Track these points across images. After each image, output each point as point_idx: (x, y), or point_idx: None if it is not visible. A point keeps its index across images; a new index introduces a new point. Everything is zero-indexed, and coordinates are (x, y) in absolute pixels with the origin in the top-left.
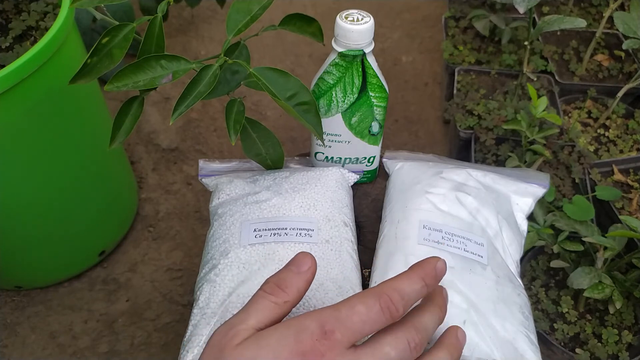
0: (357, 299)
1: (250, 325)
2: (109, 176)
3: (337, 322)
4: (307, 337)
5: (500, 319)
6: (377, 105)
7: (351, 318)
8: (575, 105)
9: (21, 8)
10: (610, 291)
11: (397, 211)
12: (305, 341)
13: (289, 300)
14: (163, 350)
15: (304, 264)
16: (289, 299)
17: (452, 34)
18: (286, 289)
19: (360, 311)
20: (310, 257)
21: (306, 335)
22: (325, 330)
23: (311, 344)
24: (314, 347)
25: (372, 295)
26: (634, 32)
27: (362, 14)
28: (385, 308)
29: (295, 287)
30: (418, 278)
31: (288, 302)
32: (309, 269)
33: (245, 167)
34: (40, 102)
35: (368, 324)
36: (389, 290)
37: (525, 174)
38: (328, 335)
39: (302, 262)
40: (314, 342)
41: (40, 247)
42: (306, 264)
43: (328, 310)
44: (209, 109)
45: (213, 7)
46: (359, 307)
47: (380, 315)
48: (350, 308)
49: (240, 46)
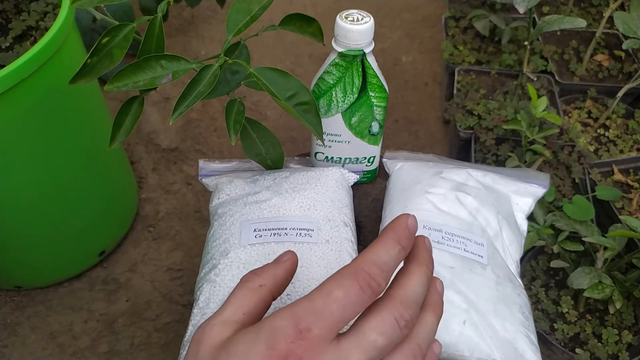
0: (332, 282)
1: (226, 316)
2: (109, 176)
3: (313, 316)
4: (280, 341)
5: (500, 319)
6: (377, 105)
7: (329, 307)
8: (575, 105)
9: (21, 8)
10: (610, 291)
11: (397, 211)
12: (279, 346)
13: (264, 284)
14: (163, 350)
15: (284, 256)
16: (264, 283)
17: (452, 34)
18: (262, 274)
19: (338, 297)
20: (290, 252)
21: (279, 338)
22: (299, 329)
23: (285, 348)
24: (289, 351)
25: (348, 275)
26: (634, 32)
27: (362, 14)
28: (366, 286)
29: (272, 272)
30: (393, 242)
31: (264, 285)
32: (288, 259)
33: (245, 167)
34: (41, 102)
35: (349, 308)
36: (365, 265)
37: (525, 174)
38: (304, 334)
39: (282, 255)
40: (288, 344)
41: (40, 247)
42: (285, 256)
43: (302, 303)
44: (209, 109)
45: (213, 7)
46: (336, 292)
47: (361, 295)
48: (326, 295)
49: (240, 46)
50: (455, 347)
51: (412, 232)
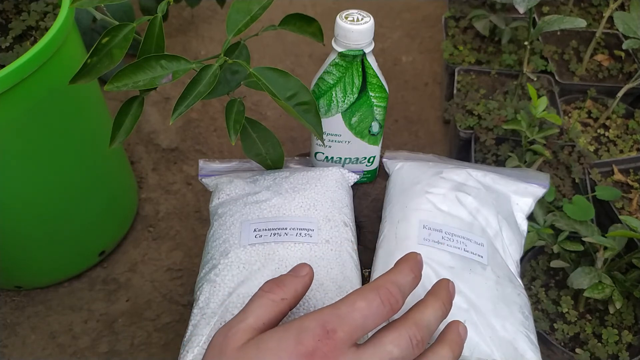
0: (356, 295)
1: (249, 324)
2: (109, 176)
3: (338, 320)
4: (308, 338)
5: (500, 319)
6: (377, 105)
7: (352, 315)
8: (575, 105)
9: (21, 8)
10: (610, 291)
11: (397, 211)
12: (307, 342)
13: (286, 298)
14: (163, 350)
15: (302, 270)
16: (286, 297)
17: (452, 34)
18: (284, 287)
19: (361, 307)
20: (308, 266)
21: (307, 336)
22: (327, 329)
23: (313, 345)
24: (316, 348)
25: (370, 290)
26: (634, 32)
27: (362, 14)
28: (386, 301)
29: (293, 286)
30: (408, 270)
31: (285, 299)
32: (306, 274)
33: (245, 167)
34: (41, 102)
35: (370, 318)
36: (386, 283)
37: (525, 174)
38: (330, 334)
39: (301, 269)
40: (315, 342)
41: (40, 247)
42: (304, 270)
43: (328, 309)
44: (209, 109)
45: (213, 7)
46: (359, 303)
47: (382, 308)
48: (350, 305)
49: (240, 46)
50: None
51: (421, 265)
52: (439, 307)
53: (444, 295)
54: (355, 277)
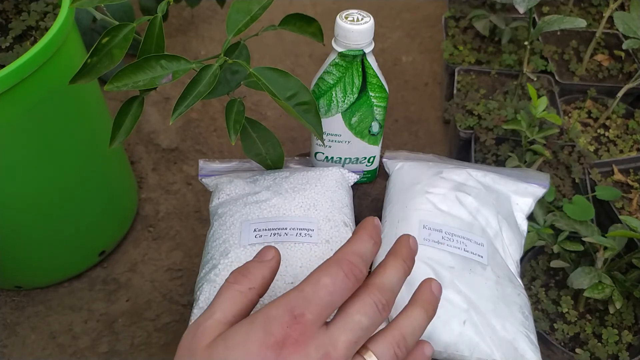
0: (319, 272)
1: (216, 319)
2: (109, 176)
3: (304, 303)
4: (276, 327)
5: (500, 319)
6: (377, 105)
7: (318, 294)
8: (575, 105)
9: (21, 8)
10: (610, 291)
11: (397, 211)
12: (276, 331)
13: (253, 287)
14: (163, 350)
15: (267, 254)
16: (252, 285)
17: (452, 34)
18: (249, 275)
19: (326, 283)
20: (273, 248)
21: (275, 325)
22: (294, 314)
23: (282, 333)
24: (286, 335)
25: (332, 264)
26: (634, 32)
27: (362, 14)
28: (350, 273)
29: (260, 273)
30: (367, 237)
31: (253, 288)
32: (272, 259)
33: (245, 167)
34: (40, 102)
35: (337, 294)
36: (347, 255)
37: (525, 174)
38: (298, 319)
39: (265, 253)
40: (284, 329)
41: (40, 247)
42: (270, 254)
43: (293, 293)
44: (209, 109)
45: (213, 7)
46: (323, 279)
47: (347, 281)
48: (314, 283)
49: (240, 46)
50: (455, 347)
51: (380, 229)
52: (400, 265)
53: (404, 253)
54: None
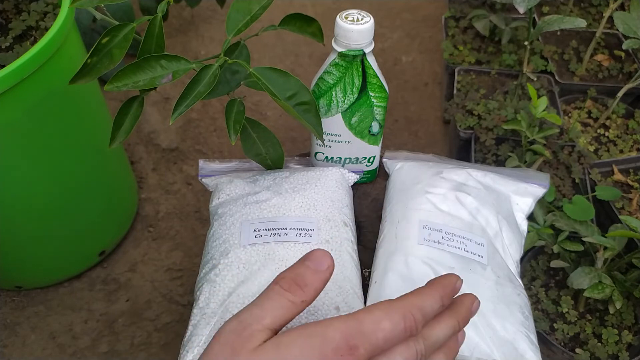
0: (382, 313)
1: (265, 325)
2: (109, 176)
3: (361, 337)
4: (331, 350)
5: (500, 319)
6: (377, 105)
7: (376, 334)
8: (575, 105)
9: (21, 8)
10: (610, 291)
11: (397, 211)
12: (330, 355)
13: (306, 300)
14: (163, 350)
15: (324, 262)
16: (306, 299)
17: (452, 34)
18: (305, 287)
19: (385, 328)
20: (329, 256)
21: (331, 348)
22: (349, 345)
23: (335, 358)
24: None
25: (397, 311)
26: (634, 32)
27: (362, 14)
28: (409, 327)
29: (314, 286)
30: (439, 297)
31: (305, 301)
32: (327, 268)
33: (245, 167)
34: (40, 102)
35: (390, 341)
36: (413, 309)
37: (525, 174)
38: (352, 350)
39: (322, 260)
40: (337, 356)
41: (40, 247)
42: (326, 262)
43: (352, 322)
44: (209, 109)
45: (213, 7)
46: (384, 323)
47: (403, 334)
48: (375, 323)
49: (240, 46)
50: None
51: (456, 293)
52: (452, 325)
53: (463, 314)
54: (355, 277)
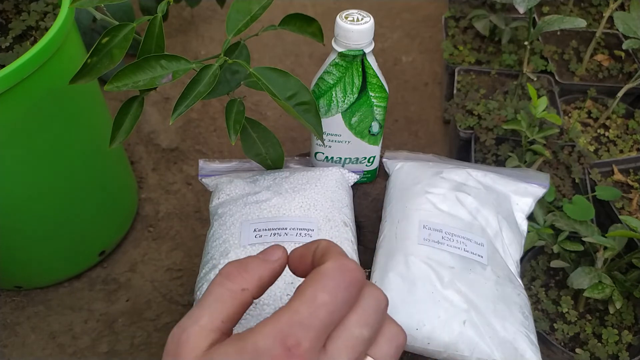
0: (313, 289)
1: (202, 325)
2: (109, 176)
3: (300, 329)
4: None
5: (500, 319)
6: (377, 105)
7: (316, 315)
8: (575, 105)
9: (21, 8)
10: (610, 291)
11: (397, 211)
12: None
13: (247, 288)
14: (163, 350)
15: (274, 254)
16: (247, 286)
17: (452, 34)
18: (245, 274)
19: (325, 301)
20: (282, 249)
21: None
22: (287, 346)
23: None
24: None
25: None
26: (634, 32)
27: (362, 14)
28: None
29: (257, 273)
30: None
31: (246, 290)
32: (277, 260)
33: (245, 167)
34: (40, 102)
35: (337, 311)
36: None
37: (525, 174)
38: (293, 350)
39: (272, 252)
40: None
41: (40, 247)
42: (276, 254)
43: (283, 317)
44: (209, 109)
45: (213, 7)
46: (321, 296)
47: (348, 293)
48: (311, 302)
49: (240, 46)
50: (455, 347)
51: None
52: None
53: None
54: None
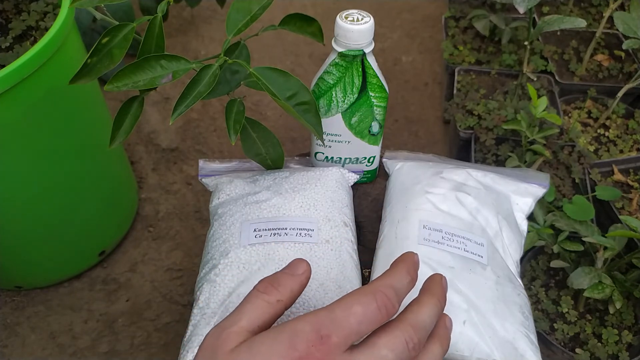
0: (352, 298)
1: (242, 326)
2: (109, 176)
3: (332, 325)
4: (301, 342)
5: (500, 319)
6: (377, 105)
7: (347, 319)
8: (575, 105)
9: (21, 8)
10: (610, 291)
11: (397, 211)
12: (300, 347)
13: (281, 300)
14: (163, 350)
15: (299, 267)
16: (281, 298)
17: (452, 34)
18: (279, 287)
19: (357, 312)
20: (305, 262)
21: (301, 341)
22: (320, 334)
23: (306, 350)
24: (309, 353)
25: (367, 294)
26: (634, 32)
27: (362, 14)
28: (382, 305)
29: (289, 287)
30: (405, 272)
31: (281, 301)
32: (303, 273)
33: (245, 167)
34: (40, 102)
35: (365, 324)
36: (383, 287)
37: (525, 174)
38: (324, 340)
39: (297, 266)
40: (309, 347)
41: (40, 247)
42: (301, 267)
43: (323, 312)
44: (209, 109)
45: (213, 7)
46: (355, 307)
47: (377, 313)
48: (346, 309)
49: (240, 46)
50: (455, 347)
51: (418, 266)
52: (434, 304)
53: (438, 292)
54: (355, 277)
